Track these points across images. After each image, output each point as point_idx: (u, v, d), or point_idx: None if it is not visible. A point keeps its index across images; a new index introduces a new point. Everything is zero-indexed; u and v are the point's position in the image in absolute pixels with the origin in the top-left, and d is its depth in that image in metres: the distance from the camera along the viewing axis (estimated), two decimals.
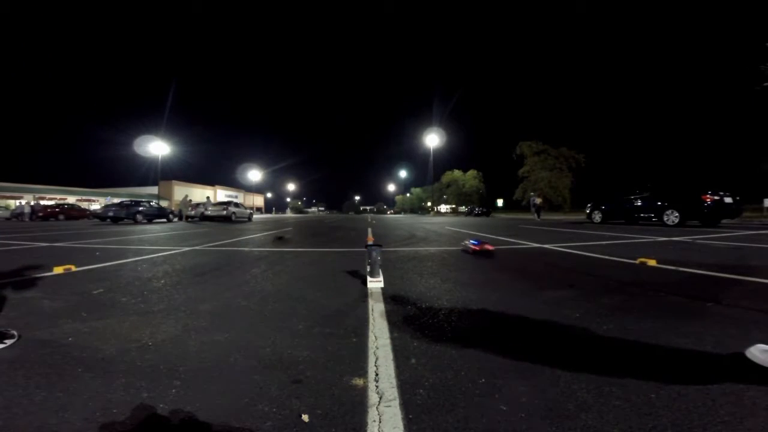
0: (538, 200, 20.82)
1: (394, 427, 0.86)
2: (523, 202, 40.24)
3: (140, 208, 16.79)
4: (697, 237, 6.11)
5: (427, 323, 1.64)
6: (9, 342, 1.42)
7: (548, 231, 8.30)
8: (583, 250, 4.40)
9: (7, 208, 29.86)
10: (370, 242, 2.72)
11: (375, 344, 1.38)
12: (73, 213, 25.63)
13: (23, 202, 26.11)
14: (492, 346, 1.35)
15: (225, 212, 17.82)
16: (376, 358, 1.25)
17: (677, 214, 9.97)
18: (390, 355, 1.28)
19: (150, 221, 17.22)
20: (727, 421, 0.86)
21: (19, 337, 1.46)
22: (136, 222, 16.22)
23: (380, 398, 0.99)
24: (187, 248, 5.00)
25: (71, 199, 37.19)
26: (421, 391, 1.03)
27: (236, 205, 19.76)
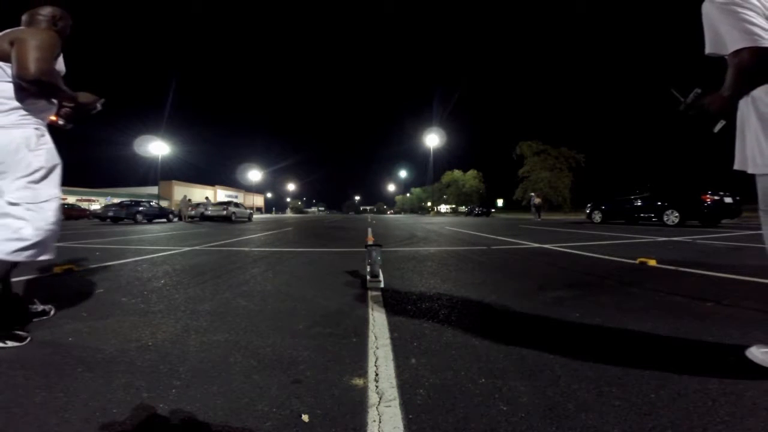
0: (538, 200, 20.84)
1: (394, 427, 0.86)
2: (523, 202, 40.26)
3: (140, 208, 16.79)
4: (697, 237, 6.11)
5: (427, 323, 1.64)
6: (12, 344, 1.40)
7: (548, 231, 8.30)
8: (583, 250, 4.40)
9: None
10: (370, 242, 2.72)
11: (375, 344, 1.38)
12: (73, 213, 25.63)
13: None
14: (492, 346, 1.35)
15: (225, 212, 17.83)
16: (376, 358, 1.25)
17: (677, 214, 9.98)
18: (390, 355, 1.28)
19: (150, 221, 17.22)
20: (727, 421, 0.86)
21: (31, 340, 1.45)
22: (136, 222, 16.22)
23: (380, 398, 0.99)
24: (187, 248, 5.00)
25: (71, 199, 37.20)
26: (421, 391, 1.03)
27: (236, 205, 19.77)
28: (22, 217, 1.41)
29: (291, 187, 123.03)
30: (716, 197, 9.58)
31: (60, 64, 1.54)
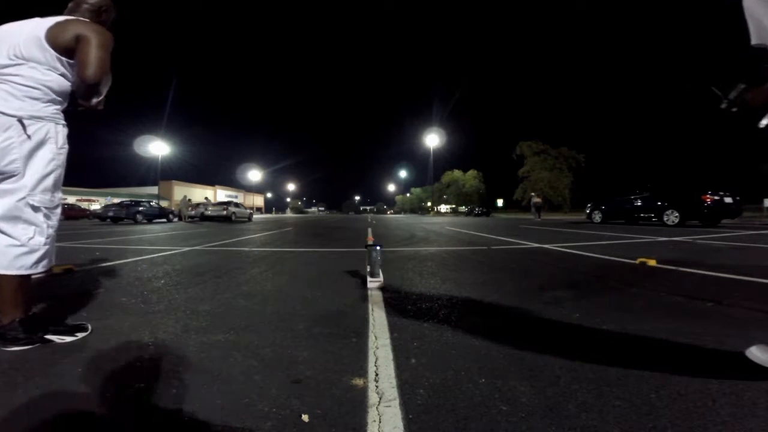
0: (538, 200, 20.86)
1: (394, 427, 0.86)
2: (523, 202, 40.32)
3: (140, 208, 16.81)
4: (697, 237, 6.11)
5: (427, 323, 1.63)
6: (81, 335, 1.47)
7: (548, 231, 8.30)
8: (583, 250, 4.40)
9: None
10: (370, 242, 2.72)
11: (375, 344, 1.38)
12: (73, 213, 25.65)
13: None
14: (492, 346, 1.35)
15: (225, 212, 17.86)
16: (376, 358, 1.25)
17: (677, 214, 9.98)
18: (390, 355, 1.27)
19: (150, 221, 17.22)
20: (727, 421, 0.86)
21: (91, 330, 1.52)
22: (136, 222, 16.23)
23: (380, 398, 0.99)
24: (187, 248, 4.99)
25: (71, 199, 37.20)
26: (421, 391, 1.03)
27: (236, 205, 19.81)
28: (35, 224, 1.35)
29: (291, 187, 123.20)
30: (716, 197, 9.58)
31: None
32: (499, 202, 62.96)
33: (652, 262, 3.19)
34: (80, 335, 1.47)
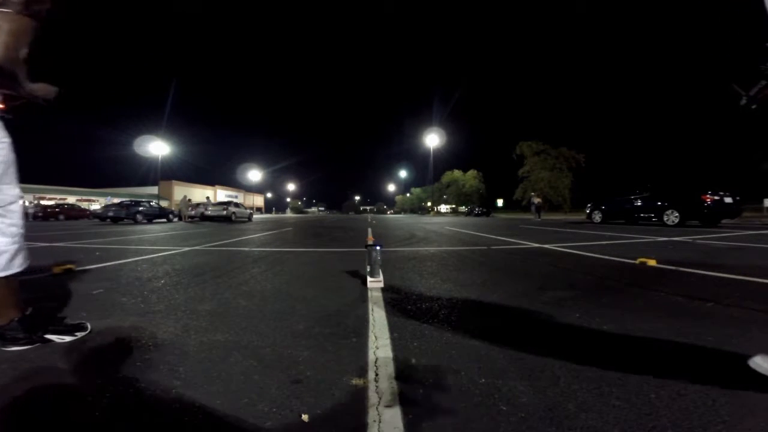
0: (538, 200, 20.88)
1: (394, 427, 0.86)
2: (523, 202, 40.33)
3: (140, 208, 16.81)
4: (697, 237, 6.11)
5: (427, 323, 1.64)
6: (81, 334, 1.47)
7: (548, 231, 8.30)
8: (583, 250, 4.40)
9: None
10: (370, 242, 2.72)
11: (375, 344, 1.38)
12: (73, 213, 25.66)
13: (24, 202, 26.11)
14: (492, 347, 1.35)
15: (225, 212, 17.87)
16: (376, 358, 1.25)
17: (677, 214, 9.98)
18: (390, 355, 1.27)
19: (150, 221, 17.23)
20: (727, 421, 0.86)
21: (91, 330, 1.53)
22: (136, 222, 16.23)
23: (380, 398, 0.99)
24: (187, 248, 4.99)
25: (71, 199, 37.21)
26: (421, 391, 1.03)
27: (236, 205, 19.81)
28: None
29: (291, 187, 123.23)
30: (716, 197, 9.58)
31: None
32: (499, 202, 62.94)
33: (652, 262, 3.19)
34: (80, 335, 1.47)
